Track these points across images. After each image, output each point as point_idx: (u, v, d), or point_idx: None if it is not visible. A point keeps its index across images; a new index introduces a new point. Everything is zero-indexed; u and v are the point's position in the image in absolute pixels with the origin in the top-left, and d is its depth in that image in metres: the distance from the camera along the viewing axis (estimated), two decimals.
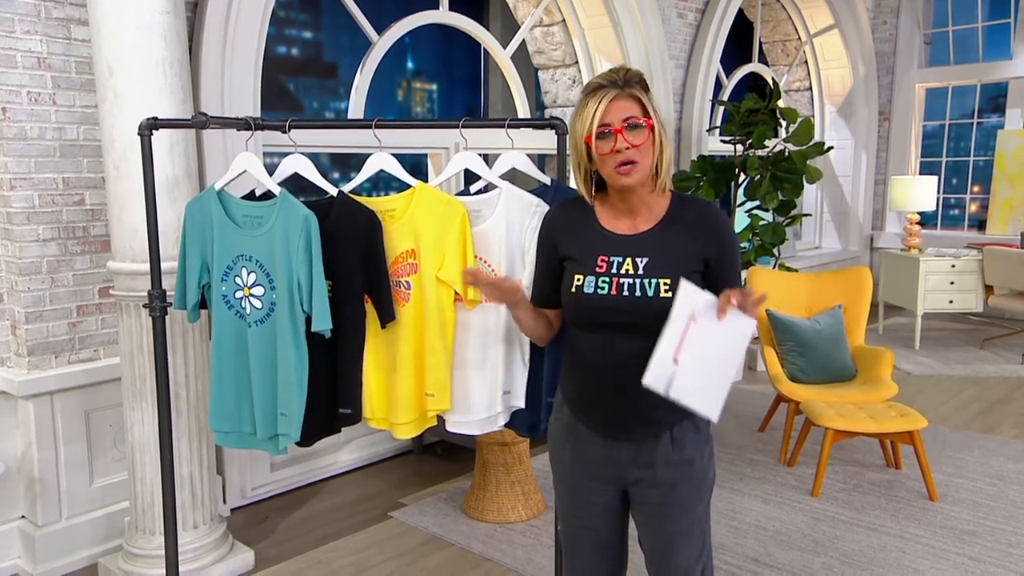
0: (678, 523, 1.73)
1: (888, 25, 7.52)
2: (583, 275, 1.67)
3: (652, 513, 1.74)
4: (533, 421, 2.27)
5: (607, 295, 1.63)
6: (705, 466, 1.73)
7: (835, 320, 4.08)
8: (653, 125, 1.59)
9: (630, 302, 1.61)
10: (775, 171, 4.94)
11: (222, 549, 2.89)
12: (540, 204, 2.12)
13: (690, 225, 1.66)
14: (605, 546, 1.84)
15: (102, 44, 2.57)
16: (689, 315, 1.49)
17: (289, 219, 2.10)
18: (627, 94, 1.59)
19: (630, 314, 1.61)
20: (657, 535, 1.76)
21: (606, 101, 1.58)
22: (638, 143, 1.58)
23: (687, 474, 1.71)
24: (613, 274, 1.64)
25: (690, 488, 1.72)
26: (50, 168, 2.84)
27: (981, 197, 7.44)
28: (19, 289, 2.81)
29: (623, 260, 1.64)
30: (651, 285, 1.60)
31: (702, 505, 1.75)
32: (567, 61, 5.26)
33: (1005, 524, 3.22)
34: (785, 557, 2.97)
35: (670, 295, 1.57)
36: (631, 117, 1.57)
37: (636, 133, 1.58)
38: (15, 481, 2.95)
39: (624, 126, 1.57)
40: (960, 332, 6.74)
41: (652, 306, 1.59)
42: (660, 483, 1.71)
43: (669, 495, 1.71)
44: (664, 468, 1.70)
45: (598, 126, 1.58)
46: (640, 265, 1.63)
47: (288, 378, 2.13)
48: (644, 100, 1.59)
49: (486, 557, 3.00)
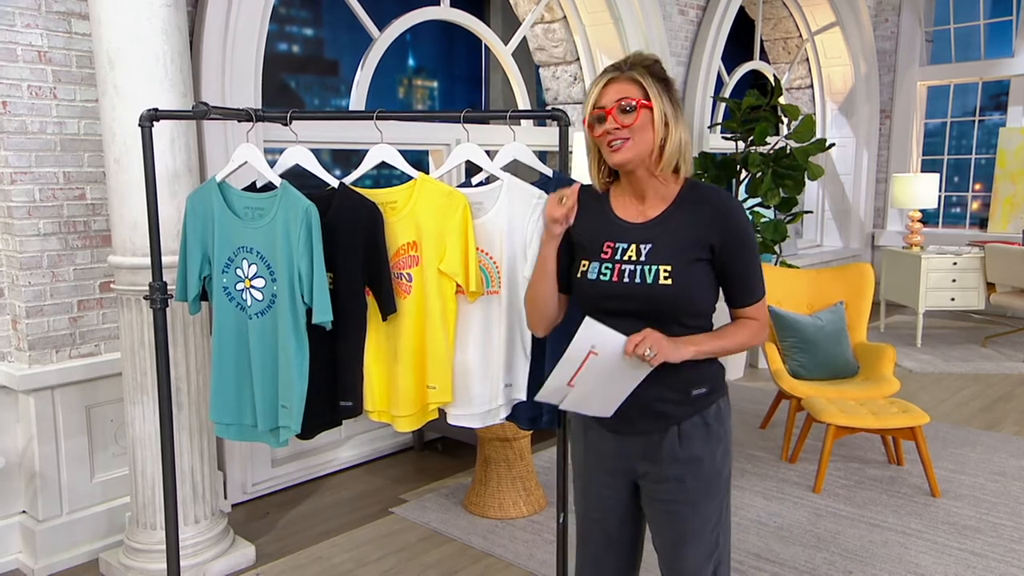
0: (687, 521, 1.70)
1: (889, 23, 7.51)
2: (588, 261, 1.67)
3: (660, 509, 1.73)
4: (534, 414, 2.26)
5: (608, 282, 1.63)
6: (718, 465, 1.70)
7: (837, 316, 4.07)
8: (652, 107, 1.58)
9: (629, 289, 1.61)
10: (776, 168, 4.93)
11: (223, 544, 2.89)
12: (542, 196, 2.11)
13: (694, 211, 1.64)
14: (616, 540, 1.82)
15: (102, 37, 2.57)
16: (589, 348, 1.53)
17: (290, 211, 2.10)
18: (626, 77, 1.59)
19: (629, 300, 1.60)
20: (666, 532, 1.74)
21: (602, 85, 1.61)
22: (628, 123, 1.57)
23: (695, 472, 1.68)
24: (616, 260, 1.64)
25: (699, 486, 1.69)
26: (51, 162, 2.84)
27: (983, 195, 7.43)
28: (20, 284, 2.81)
29: (627, 247, 1.64)
30: (651, 272, 1.60)
31: (713, 504, 1.72)
32: (568, 58, 5.26)
33: (1007, 520, 3.21)
34: (787, 553, 2.96)
35: (670, 282, 1.58)
36: (624, 99, 1.58)
37: (628, 115, 1.58)
38: (16, 476, 2.95)
39: (616, 107, 1.58)
40: (962, 329, 6.73)
41: (651, 293, 1.59)
42: (667, 479, 1.69)
43: (677, 491, 1.69)
44: (671, 464, 1.68)
45: (593, 109, 1.61)
46: (643, 252, 1.62)
47: (289, 370, 2.12)
48: (645, 83, 1.59)
49: (487, 553, 2.99)
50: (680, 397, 1.66)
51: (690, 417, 1.67)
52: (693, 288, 1.60)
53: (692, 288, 1.60)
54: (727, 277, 1.65)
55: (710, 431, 1.69)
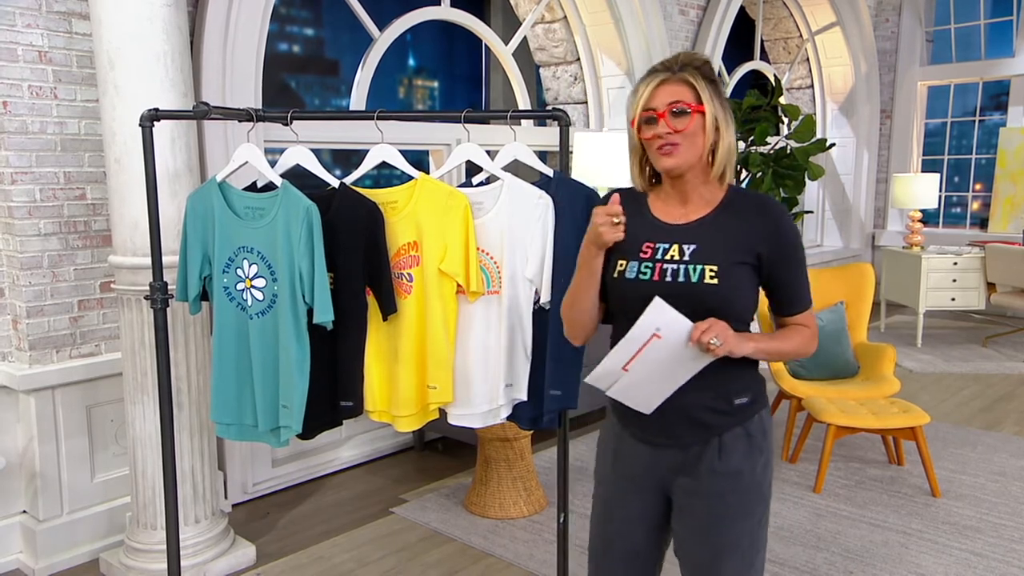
0: (724, 537, 1.63)
1: (890, 23, 7.51)
2: (626, 260, 1.61)
3: (695, 525, 1.65)
4: (535, 414, 2.26)
5: (648, 280, 1.57)
6: (759, 479, 1.63)
7: (837, 316, 4.07)
8: (704, 111, 1.53)
9: (673, 287, 1.54)
10: (777, 168, 4.93)
11: (223, 544, 2.89)
12: (543, 196, 2.11)
13: (745, 217, 1.58)
14: (637, 555, 1.74)
15: (103, 37, 2.57)
16: (653, 330, 1.48)
17: (291, 210, 2.10)
18: (679, 79, 1.53)
19: (671, 299, 1.52)
20: (701, 549, 1.65)
21: (653, 85, 1.54)
22: (681, 128, 1.52)
23: (735, 486, 1.61)
24: (657, 260, 1.58)
25: (739, 501, 1.61)
26: (51, 162, 2.84)
27: (983, 195, 7.43)
28: (20, 284, 2.81)
29: (669, 247, 1.59)
30: (696, 271, 1.54)
31: (752, 521, 1.64)
32: (569, 58, 5.26)
33: (1008, 520, 3.21)
34: (787, 553, 2.96)
35: (716, 282, 1.53)
36: (677, 102, 1.52)
37: (681, 119, 1.52)
38: (16, 476, 2.95)
39: (668, 111, 1.52)
40: (962, 330, 6.73)
41: (696, 291, 1.53)
42: (706, 494, 1.61)
43: (716, 507, 1.61)
44: (710, 477, 1.61)
45: (643, 111, 1.54)
46: (687, 251, 1.57)
47: (290, 370, 2.12)
48: (698, 86, 1.53)
49: (487, 553, 2.99)
50: (722, 406, 1.59)
51: (732, 428, 1.60)
52: (737, 289, 1.55)
53: (737, 289, 1.55)
54: (776, 286, 1.61)
55: (752, 443, 1.62)
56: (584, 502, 3.37)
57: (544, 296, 2.15)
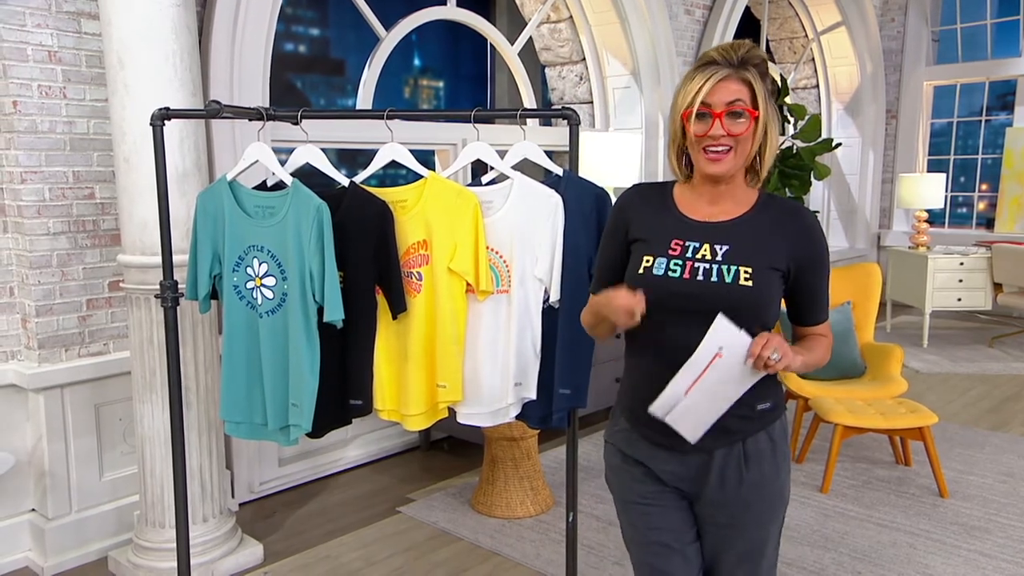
0: (750, 542, 1.61)
1: (896, 22, 7.49)
2: (653, 256, 1.53)
3: (718, 532, 1.62)
4: (544, 413, 2.26)
5: (678, 278, 1.50)
6: (782, 485, 1.60)
7: (844, 317, 4.06)
8: (759, 116, 1.45)
9: (704, 287, 1.48)
10: (783, 167, 4.93)
11: (231, 542, 2.89)
12: (553, 195, 2.11)
13: (780, 223, 1.53)
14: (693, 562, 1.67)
15: (112, 37, 2.57)
16: (717, 349, 1.40)
17: (301, 209, 2.10)
18: (739, 76, 1.44)
19: (701, 300, 1.47)
20: (725, 554, 1.63)
21: (714, 80, 1.44)
22: (737, 132, 1.45)
23: (760, 492, 1.57)
24: (688, 258, 1.51)
25: (764, 507, 1.59)
26: (60, 162, 2.84)
27: (989, 195, 7.41)
28: (29, 283, 2.82)
29: (699, 245, 1.52)
30: (730, 272, 1.48)
31: (776, 525, 1.63)
32: (574, 58, 5.26)
33: (1016, 520, 3.20)
34: (795, 553, 2.95)
35: (751, 284, 1.47)
36: (736, 102, 1.44)
37: (737, 121, 1.44)
38: (25, 474, 2.95)
39: (725, 111, 1.44)
40: (968, 330, 6.72)
41: (729, 293, 1.47)
42: (730, 501, 1.58)
43: (742, 514, 1.58)
44: (735, 486, 1.56)
45: (699, 105, 1.45)
46: (719, 252, 1.50)
47: (299, 368, 2.13)
48: (756, 87, 1.45)
49: (494, 552, 2.99)
50: (746, 412, 1.54)
51: (755, 433, 1.57)
52: (768, 294, 1.51)
53: (769, 293, 1.51)
54: (802, 294, 1.57)
55: (776, 448, 1.59)
56: (592, 502, 3.37)
57: (554, 295, 2.15)
